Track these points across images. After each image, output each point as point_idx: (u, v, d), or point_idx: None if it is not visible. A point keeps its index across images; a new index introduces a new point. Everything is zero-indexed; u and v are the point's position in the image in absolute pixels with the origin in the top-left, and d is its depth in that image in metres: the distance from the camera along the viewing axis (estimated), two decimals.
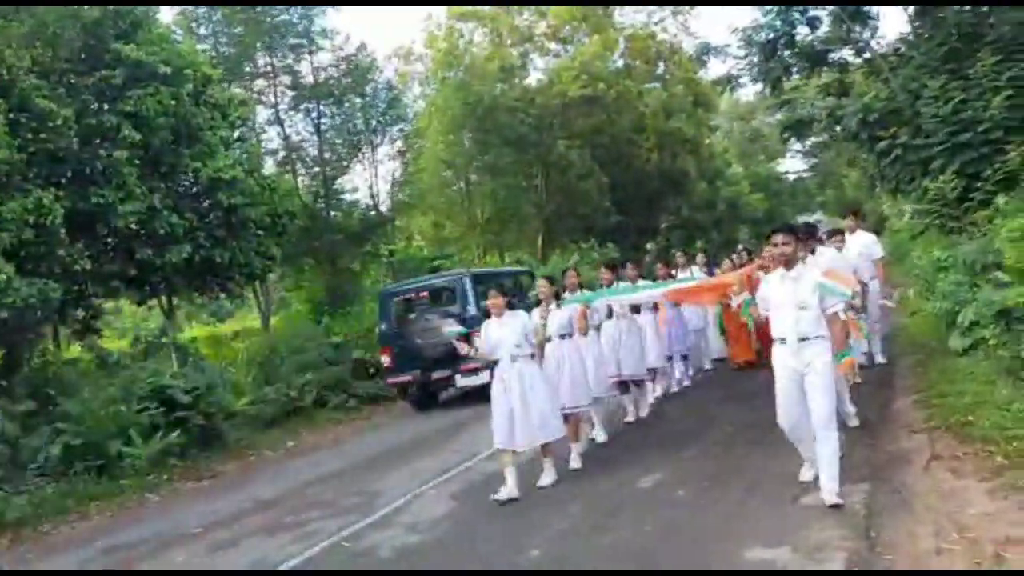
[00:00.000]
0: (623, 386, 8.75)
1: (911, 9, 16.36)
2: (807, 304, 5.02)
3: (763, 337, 10.04)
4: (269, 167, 18.23)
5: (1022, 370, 6.88)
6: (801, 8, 16.08)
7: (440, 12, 31.99)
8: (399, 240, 22.23)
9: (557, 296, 7.26)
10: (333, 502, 7.36)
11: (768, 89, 17.62)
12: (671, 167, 32.43)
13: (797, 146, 53.79)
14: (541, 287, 7.13)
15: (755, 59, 16.92)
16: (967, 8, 15.17)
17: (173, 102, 12.39)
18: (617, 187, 30.37)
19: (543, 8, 31.54)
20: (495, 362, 6.63)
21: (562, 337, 7.23)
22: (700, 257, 12.96)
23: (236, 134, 14.88)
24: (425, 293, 12.42)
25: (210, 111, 13.47)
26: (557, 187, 29.68)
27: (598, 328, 8.30)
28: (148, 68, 12.14)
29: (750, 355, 11.21)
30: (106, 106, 11.97)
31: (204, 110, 13.25)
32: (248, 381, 12.05)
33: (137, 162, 12.06)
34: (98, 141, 11.83)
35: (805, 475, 5.48)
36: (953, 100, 13.94)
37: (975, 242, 10.91)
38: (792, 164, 65.51)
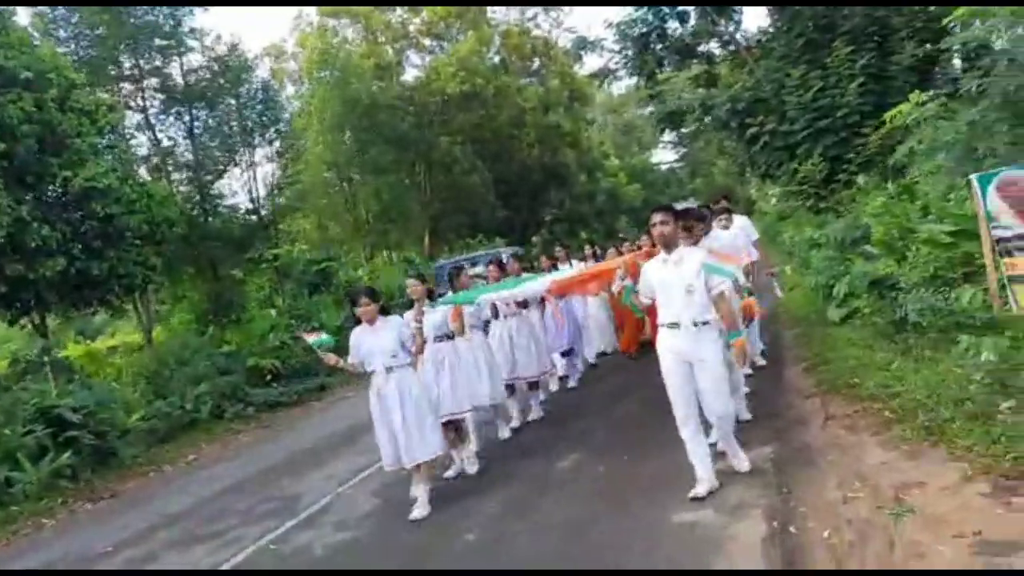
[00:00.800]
0: (509, 388, 8.08)
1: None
2: (693, 287, 4.81)
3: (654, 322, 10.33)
4: (141, 174, 17.42)
5: (896, 334, 7.45)
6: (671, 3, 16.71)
7: (311, 10, 31.46)
8: (283, 244, 21.65)
9: (430, 295, 6.73)
10: (249, 509, 7.14)
11: (643, 81, 18.22)
12: (552, 161, 33.06)
13: (668, 137, 55.78)
14: (412, 286, 6.48)
15: (630, 53, 17.51)
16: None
17: (36, 109, 11.69)
18: (501, 182, 30.74)
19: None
20: (370, 373, 5.93)
21: (439, 339, 6.81)
22: (587, 249, 12.39)
23: (106, 141, 14.14)
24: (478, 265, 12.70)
25: (77, 117, 12.73)
26: (441, 184, 29.73)
27: (486, 329, 7.81)
28: (8, 73, 11.41)
29: (635, 344, 10.86)
30: None
31: (71, 116, 12.53)
32: (136, 397, 11.52)
33: (0, 173, 11.31)
34: None
35: (700, 491, 4.88)
36: (813, 88, 14.89)
37: (842, 220, 11.69)
38: (664, 155, 67.93)
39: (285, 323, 14.75)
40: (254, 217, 20.85)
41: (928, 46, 15.22)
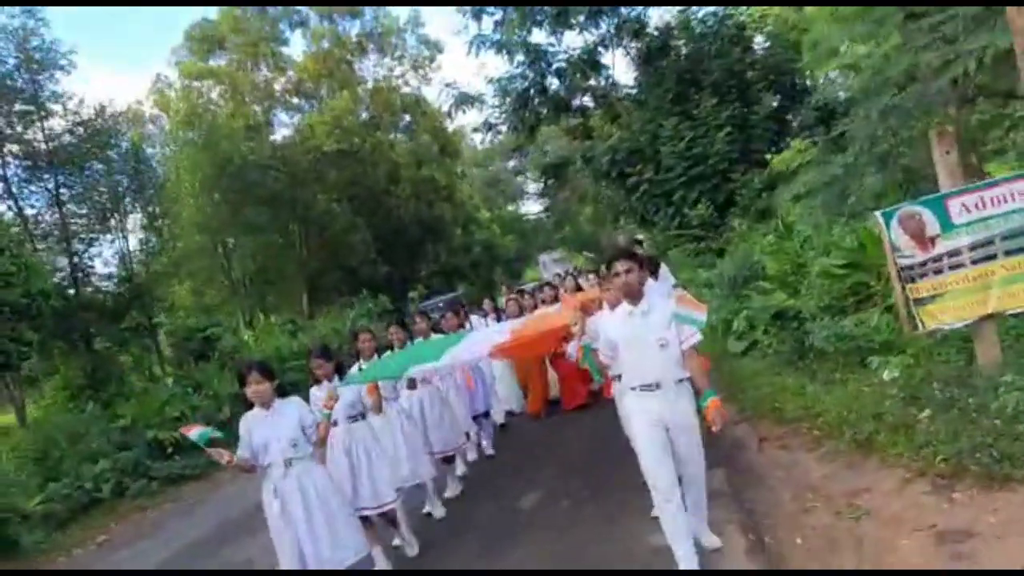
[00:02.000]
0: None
1: (636, 59, 18.44)
2: (667, 341, 4.22)
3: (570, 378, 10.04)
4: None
5: (799, 360, 8.11)
6: (547, 60, 17.55)
7: (171, 72, 30.79)
8: (161, 312, 20.76)
9: (339, 371, 5.76)
10: None
11: (525, 135, 18.97)
12: (428, 215, 33.37)
13: (532, 188, 57.62)
14: (318, 365, 5.60)
15: (510, 108, 18.22)
16: (683, 56, 17.42)
17: None
18: (379, 239, 30.71)
19: (282, 64, 31.39)
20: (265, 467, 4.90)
21: (351, 419, 5.74)
22: (487, 304, 11.89)
23: None
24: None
25: None
26: (318, 243, 29.40)
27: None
28: None
29: (544, 405, 10.54)
30: None
31: None
32: (25, 480, 10.70)
33: None
34: None
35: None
36: (685, 138, 16.07)
37: (729, 260, 12.55)
38: (530, 206, 69.62)
39: (182, 394, 14.13)
40: (127, 286, 19.94)
41: (779, 97, 16.74)
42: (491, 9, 17.13)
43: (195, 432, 4.70)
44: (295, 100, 31.44)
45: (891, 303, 6.54)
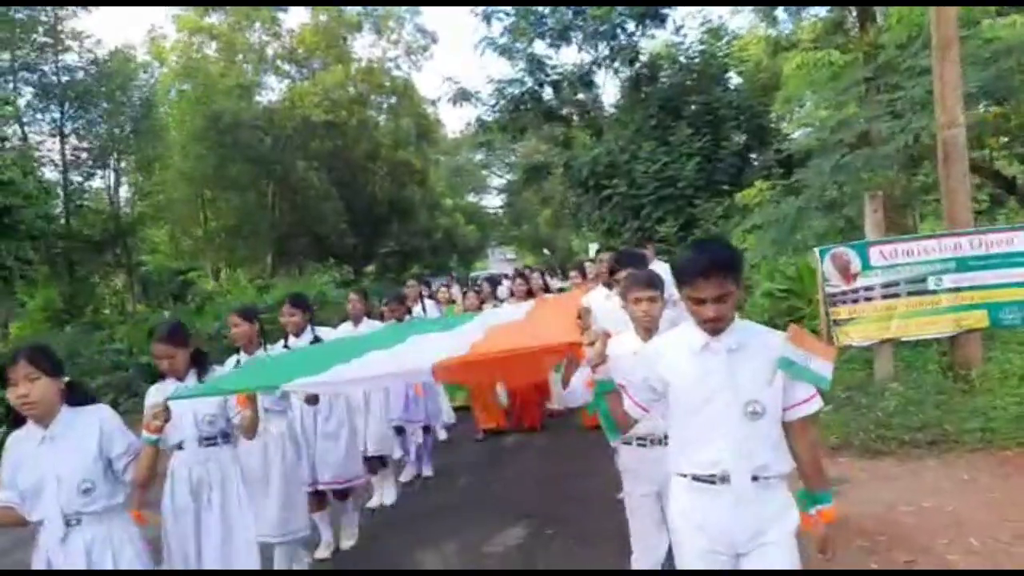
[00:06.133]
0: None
1: (625, 83, 19.98)
2: (762, 406, 2.52)
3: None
4: None
5: None
6: (545, 71, 18.97)
7: (168, 23, 31.32)
8: (139, 253, 21.66)
9: (199, 365, 3.93)
10: None
11: (513, 135, 20.37)
12: (398, 195, 34.45)
13: (495, 183, 59.04)
14: (162, 354, 3.85)
15: (504, 109, 19.58)
16: (667, 86, 19.00)
17: None
18: (350, 210, 31.73)
19: (277, 28, 32.16)
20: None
21: (208, 441, 3.85)
22: (411, 288, 9.24)
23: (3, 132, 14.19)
24: None
25: None
26: (291, 206, 30.30)
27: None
28: None
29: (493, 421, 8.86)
30: None
31: None
32: None
33: None
34: None
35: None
36: (659, 162, 17.63)
37: None
38: (490, 200, 70.95)
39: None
40: (113, 222, 20.81)
41: (747, 136, 18.45)
42: (502, 14, 18.49)
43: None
44: (286, 67, 32.21)
45: (816, 324, 8.12)
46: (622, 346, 3.23)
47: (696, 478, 2.60)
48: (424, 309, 8.58)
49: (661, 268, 4.89)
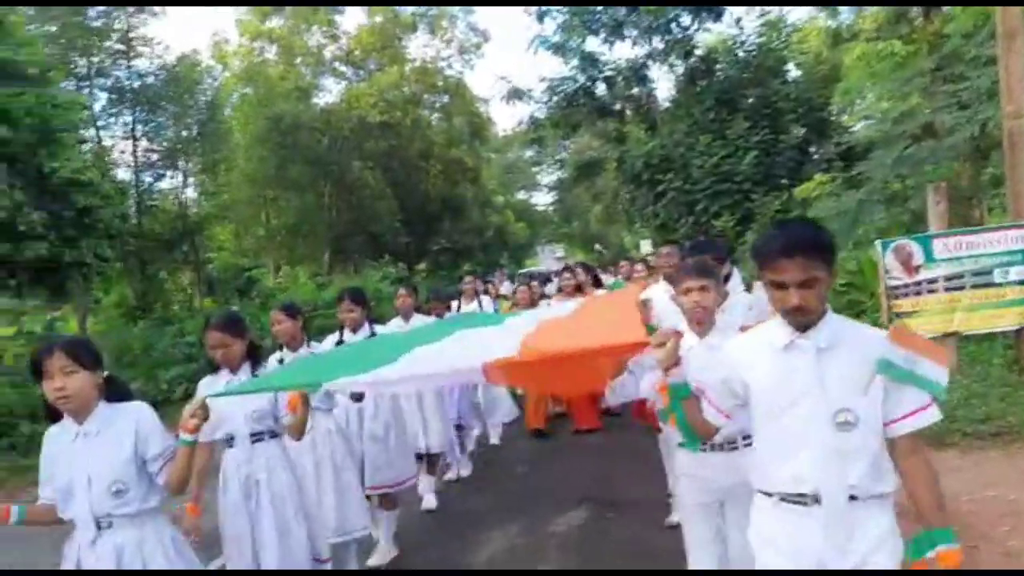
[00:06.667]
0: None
1: (680, 77, 20.00)
2: (853, 412, 2.20)
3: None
4: None
5: None
6: (598, 68, 19.11)
7: (230, 28, 32.20)
8: (206, 251, 22.42)
9: (253, 358, 3.83)
10: None
11: (566, 132, 20.57)
12: (450, 193, 34.87)
13: (545, 180, 59.14)
14: (216, 342, 3.73)
15: (557, 106, 19.79)
16: (724, 79, 18.94)
17: (35, 102, 12.50)
18: (404, 209, 32.24)
19: (335, 31, 32.81)
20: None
21: (257, 437, 3.79)
22: (468, 285, 9.18)
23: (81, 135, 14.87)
24: None
25: (63, 112, 13.55)
26: (347, 206, 30.91)
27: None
28: (12, 68, 12.16)
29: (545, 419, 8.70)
30: None
31: (59, 111, 13.34)
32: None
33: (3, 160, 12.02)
34: None
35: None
36: (716, 156, 17.61)
37: (745, 270, 14.11)
38: (542, 197, 71.13)
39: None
40: (180, 221, 21.55)
41: (806, 129, 18.29)
42: (555, 12, 18.67)
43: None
44: (343, 68, 32.84)
45: (877, 317, 8.13)
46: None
47: (784, 498, 2.29)
48: (480, 305, 8.51)
49: (748, 297, 4.29)
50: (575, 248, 63.35)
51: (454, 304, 8.22)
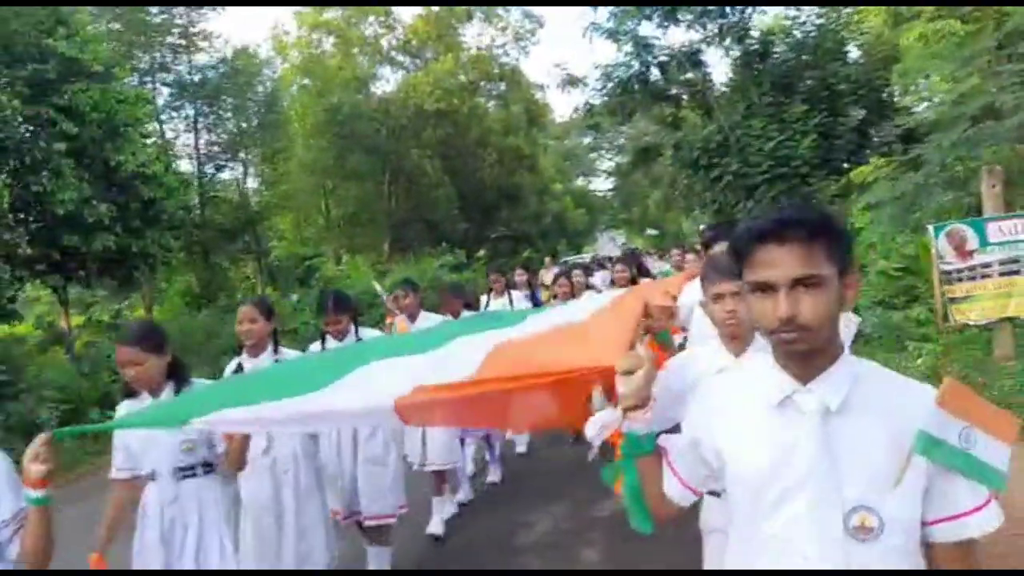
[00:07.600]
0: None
1: (736, 60, 19.64)
2: (877, 513, 1.48)
3: None
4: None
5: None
6: (652, 53, 18.90)
7: (289, 19, 32.80)
8: (266, 240, 22.98)
9: (177, 377, 3.17)
10: None
11: (622, 119, 20.41)
12: (507, 181, 35.00)
13: (603, 166, 58.76)
14: (126, 359, 3.05)
15: (612, 92, 19.63)
16: (781, 62, 18.56)
17: (101, 97, 12.95)
18: (462, 197, 32.51)
19: (392, 21, 33.14)
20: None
21: (185, 473, 3.17)
22: (520, 276, 8.87)
23: (145, 129, 15.38)
24: None
25: (128, 107, 14.02)
26: (405, 194, 31.32)
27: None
28: (80, 65, 12.64)
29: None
30: (42, 99, 12.30)
31: (125, 106, 13.80)
32: None
33: (71, 154, 12.51)
34: (31, 131, 12.20)
35: None
36: (773, 139, 17.27)
37: None
38: (599, 184, 70.76)
39: (300, 308, 16.19)
40: (241, 211, 22.12)
41: (865, 111, 17.81)
42: None
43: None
44: (400, 58, 33.18)
45: (933, 303, 7.95)
46: (700, 362, 2.40)
47: None
48: (511, 302, 7.48)
49: None
50: (634, 234, 62.97)
51: (483, 299, 7.64)
